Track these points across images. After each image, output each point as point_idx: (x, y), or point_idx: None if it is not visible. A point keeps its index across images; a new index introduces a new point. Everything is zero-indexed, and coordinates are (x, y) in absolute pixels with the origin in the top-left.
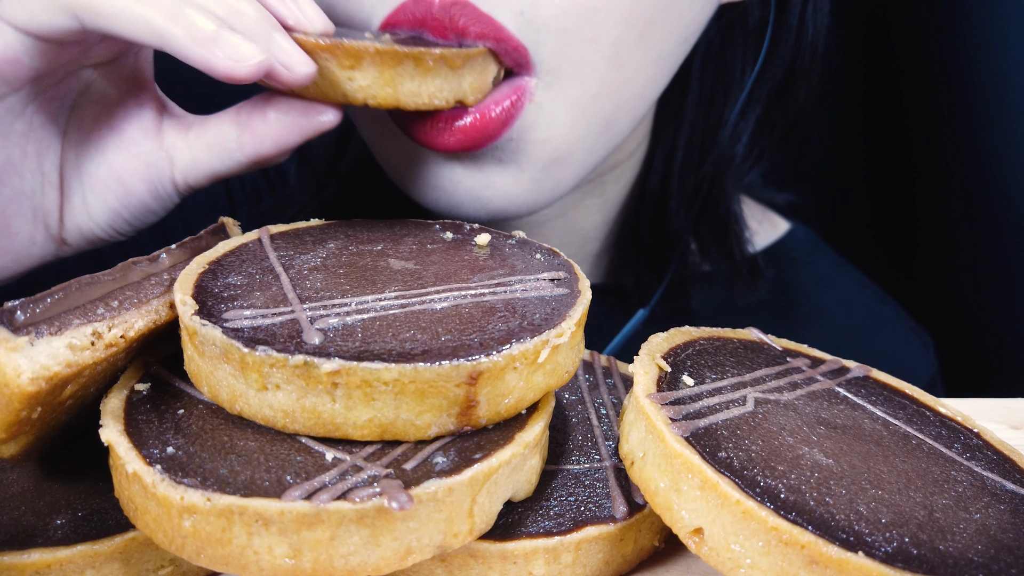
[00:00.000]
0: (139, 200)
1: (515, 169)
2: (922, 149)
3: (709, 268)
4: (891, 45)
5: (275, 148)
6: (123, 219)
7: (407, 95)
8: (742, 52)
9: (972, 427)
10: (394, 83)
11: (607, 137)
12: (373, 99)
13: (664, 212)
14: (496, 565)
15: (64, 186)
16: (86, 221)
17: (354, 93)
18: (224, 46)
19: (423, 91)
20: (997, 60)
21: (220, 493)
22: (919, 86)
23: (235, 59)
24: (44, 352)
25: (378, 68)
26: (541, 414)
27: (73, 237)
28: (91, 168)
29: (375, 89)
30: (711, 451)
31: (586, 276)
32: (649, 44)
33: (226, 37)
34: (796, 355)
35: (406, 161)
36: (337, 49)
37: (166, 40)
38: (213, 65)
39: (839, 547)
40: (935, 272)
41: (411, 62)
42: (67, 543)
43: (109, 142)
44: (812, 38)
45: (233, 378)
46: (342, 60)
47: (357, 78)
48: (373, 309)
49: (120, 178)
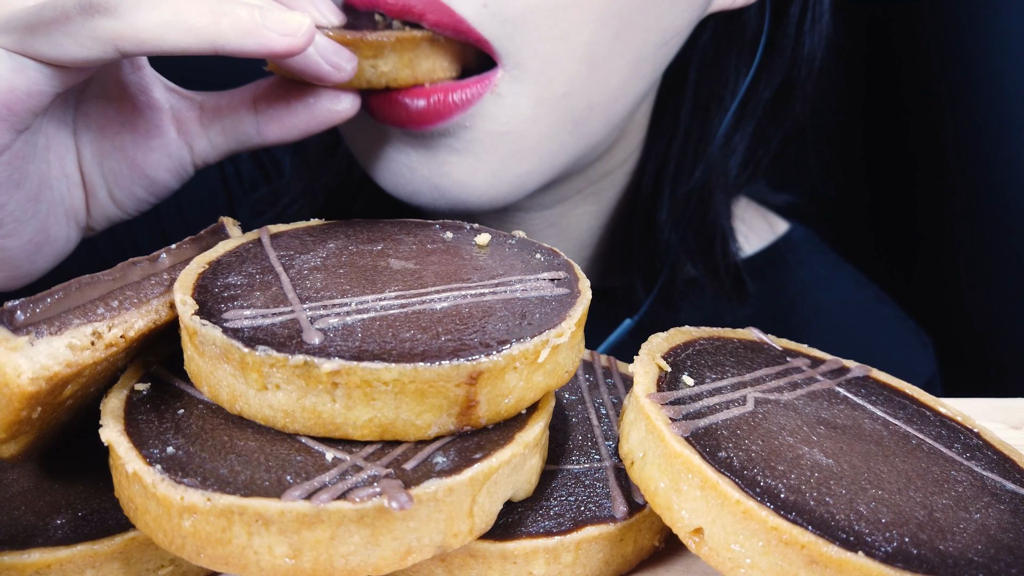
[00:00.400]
0: (164, 186)
1: (471, 159)
2: (922, 150)
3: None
4: (891, 46)
5: (300, 135)
6: (148, 202)
7: (424, 73)
8: (736, 63)
9: (972, 427)
10: (411, 65)
11: (576, 138)
12: (395, 82)
13: (654, 222)
14: (496, 565)
15: (87, 183)
16: (114, 211)
17: (377, 79)
18: (273, 24)
19: (436, 66)
20: (997, 61)
21: (220, 493)
22: (919, 87)
23: (288, 33)
24: (44, 352)
25: (398, 53)
26: (541, 414)
27: (100, 224)
28: (112, 164)
29: (396, 72)
30: (711, 451)
31: (590, 279)
32: (625, 46)
33: (271, 15)
34: (796, 355)
35: (369, 145)
36: (361, 43)
37: (218, 43)
38: (272, 48)
39: (839, 547)
40: (935, 272)
41: (426, 44)
42: (67, 543)
43: (124, 137)
44: (809, 50)
45: (233, 378)
46: (365, 51)
47: (380, 65)
48: (373, 309)
49: (144, 171)
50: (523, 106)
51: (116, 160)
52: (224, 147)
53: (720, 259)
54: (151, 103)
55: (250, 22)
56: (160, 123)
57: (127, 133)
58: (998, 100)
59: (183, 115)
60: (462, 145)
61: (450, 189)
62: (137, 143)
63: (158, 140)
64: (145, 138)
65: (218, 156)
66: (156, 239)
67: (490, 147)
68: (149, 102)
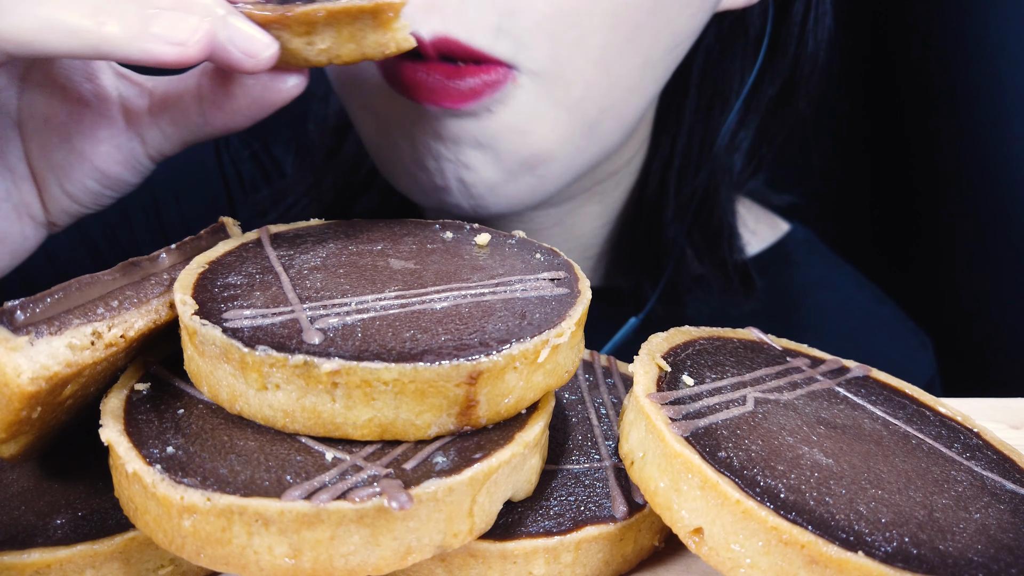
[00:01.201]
0: (118, 178)
1: (492, 155)
2: (921, 150)
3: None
4: (891, 47)
5: (246, 122)
6: (106, 196)
7: (372, 47)
8: (741, 62)
9: (972, 427)
10: (355, 38)
11: (590, 141)
12: (338, 58)
13: (660, 220)
14: (496, 565)
15: (38, 178)
16: (69, 204)
17: (316, 57)
18: (161, 29)
19: (387, 39)
20: (996, 61)
21: (220, 493)
22: (919, 87)
23: (177, 41)
24: (44, 352)
25: (335, 28)
26: (541, 414)
27: (61, 219)
28: (60, 157)
29: (337, 48)
30: (711, 451)
31: (591, 279)
32: (636, 49)
33: (160, 19)
34: (796, 355)
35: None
36: (287, 19)
37: (102, 49)
38: (158, 57)
39: (839, 547)
40: (934, 272)
41: (369, 16)
42: (67, 543)
43: (70, 128)
44: (813, 49)
45: (233, 378)
46: (295, 28)
47: (316, 42)
48: (373, 309)
49: (94, 164)
50: (543, 108)
51: (63, 152)
52: (178, 138)
53: (727, 254)
54: (98, 92)
55: (137, 26)
56: (108, 113)
57: (73, 124)
58: (998, 101)
59: (132, 104)
60: (485, 138)
61: (475, 184)
62: (84, 134)
63: (106, 131)
64: (92, 129)
65: (174, 148)
66: (156, 239)
67: (511, 146)
68: (96, 90)
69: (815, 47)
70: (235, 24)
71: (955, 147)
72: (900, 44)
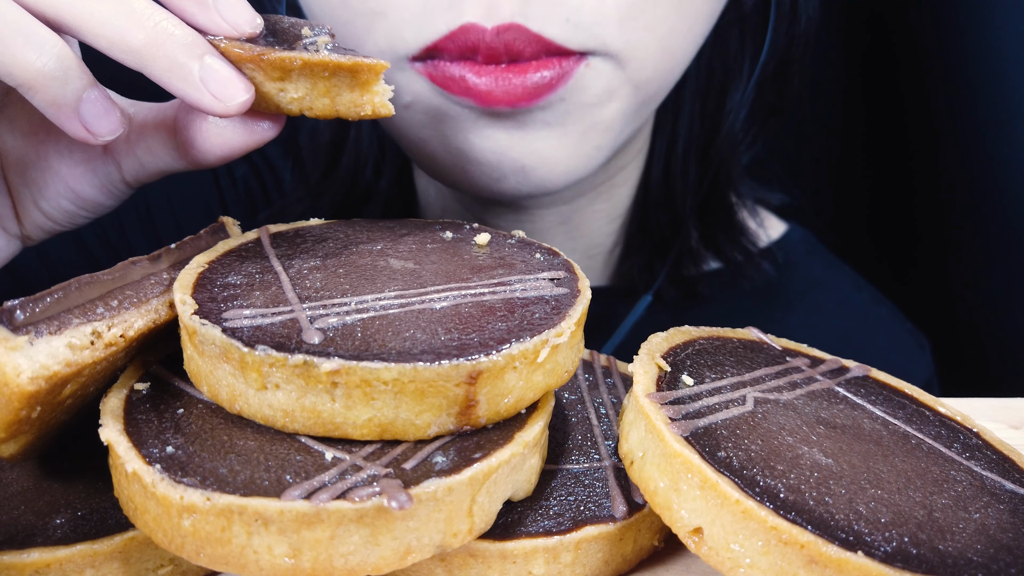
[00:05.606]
0: (93, 201)
1: (559, 131)
2: (920, 150)
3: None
4: (890, 45)
5: (218, 160)
6: (81, 216)
7: (346, 106)
8: (739, 39)
9: (971, 427)
10: (331, 94)
11: (637, 119)
12: (310, 111)
13: (670, 194)
14: (496, 565)
15: (12, 191)
16: (44, 221)
17: (287, 105)
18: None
19: (365, 101)
20: (996, 60)
21: (220, 492)
22: (918, 87)
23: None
24: (44, 351)
25: (310, 80)
26: (541, 414)
27: (36, 234)
28: (35, 175)
29: (311, 101)
30: (711, 451)
31: (595, 278)
32: (694, 34)
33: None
34: (795, 355)
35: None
36: (261, 62)
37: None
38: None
39: (838, 547)
40: (933, 273)
41: (347, 74)
42: (67, 542)
43: (48, 147)
44: (805, 25)
45: (233, 377)
46: (269, 72)
47: (289, 90)
48: (373, 308)
49: (69, 185)
50: (614, 83)
51: (39, 170)
52: (154, 167)
53: (739, 235)
54: None
55: (192, 72)
56: None
57: (52, 143)
58: (999, 101)
59: None
60: (555, 119)
61: (536, 168)
62: (61, 154)
63: (81, 154)
64: (69, 150)
65: (150, 176)
66: (148, 239)
67: (577, 119)
68: None
69: (807, 22)
70: (210, 65)
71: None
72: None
